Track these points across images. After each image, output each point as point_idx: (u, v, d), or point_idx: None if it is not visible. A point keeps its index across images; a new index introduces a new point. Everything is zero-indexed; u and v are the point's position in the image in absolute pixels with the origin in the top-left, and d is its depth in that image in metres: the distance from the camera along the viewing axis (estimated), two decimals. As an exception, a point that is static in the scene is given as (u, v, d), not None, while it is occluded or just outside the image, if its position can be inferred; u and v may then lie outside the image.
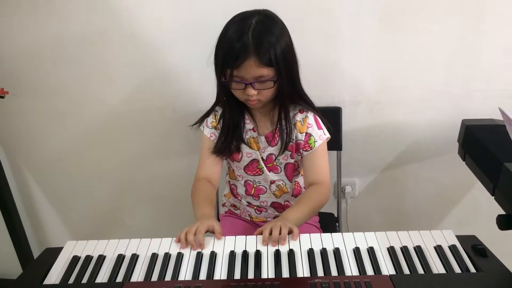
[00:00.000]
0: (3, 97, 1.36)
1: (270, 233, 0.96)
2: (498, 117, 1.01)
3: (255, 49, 0.99)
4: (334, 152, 1.46)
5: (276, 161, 1.21)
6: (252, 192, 1.27)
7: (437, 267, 0.86)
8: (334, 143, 1.41)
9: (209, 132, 1.21)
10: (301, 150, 1.18)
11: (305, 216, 1.10)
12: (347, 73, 1.40)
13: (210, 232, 1.00)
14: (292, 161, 1.21)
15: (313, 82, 1.35)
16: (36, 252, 1.71)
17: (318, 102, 1.35)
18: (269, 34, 1.01)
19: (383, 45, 1.35)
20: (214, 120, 1.21)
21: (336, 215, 1.51)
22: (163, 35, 1.36)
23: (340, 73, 1.40)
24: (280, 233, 0.95)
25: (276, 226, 0.96)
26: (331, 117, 1.40)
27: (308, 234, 0.97)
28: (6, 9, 1.34)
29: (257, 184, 1.26)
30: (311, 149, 1.16)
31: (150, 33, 1.35)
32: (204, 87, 1.15)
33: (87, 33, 1.36)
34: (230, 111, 1.16)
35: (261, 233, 0.97)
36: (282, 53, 1.02)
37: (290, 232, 0.96)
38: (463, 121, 1.33)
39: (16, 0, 1.32)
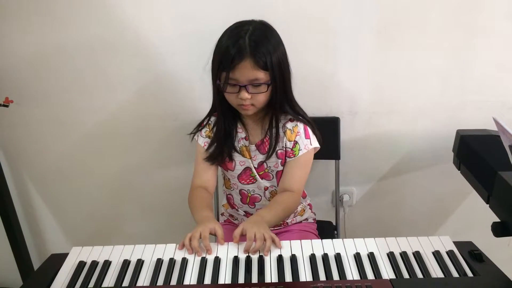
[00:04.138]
0: (7, 106, 1.37)
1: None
2: (491, 127, 1.04)
3: (251, 51, 1.01)
4: (332, 161, 1.49)
5: (268, 168, 1.22)
6: (247, 200, 1.28)
7: (436, 272, 0.88)
8: (332, 153, 1.45)
9: (203, 141, 1.22)
10: (286, 157, 1.19)
11: (278, 220, 1.13)
12: (344, 84, 1.43)
13: (212, 234, 1.00)
14: (283, 168, 1.21)
15: (312, 93, 1.40)
16: (35, 261, 1.71)
17: (317, 112, 1.39)
18: (266, 40, 1.04)
19: (380, 57, 1.39)
20: (208, 130, 1.22)
21: (334, 223, 1.53)
22: (165, 45, 1.38)
23: (338, 84, 1.43)
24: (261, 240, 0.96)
25: (259, 233, 0.96)
26: (330, 127, 1.44)
27: (309, 240, 0.99)
28: (10, 18, 1.35)
29: (252, 193, 1.26)
30: (294, 157, 1.17)
31: (152, 42, 1.37)
32: (205, 96, 1.18)
33: (89, 42, 1.38)
34: (223, 117, 1.17)
35: (240, 234, 0.98)
36: (277, 60, 1.05)
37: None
38: (458, 131, 1.36)
39: (19, 10, 1.34)
